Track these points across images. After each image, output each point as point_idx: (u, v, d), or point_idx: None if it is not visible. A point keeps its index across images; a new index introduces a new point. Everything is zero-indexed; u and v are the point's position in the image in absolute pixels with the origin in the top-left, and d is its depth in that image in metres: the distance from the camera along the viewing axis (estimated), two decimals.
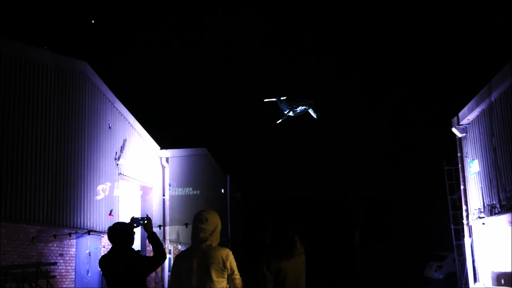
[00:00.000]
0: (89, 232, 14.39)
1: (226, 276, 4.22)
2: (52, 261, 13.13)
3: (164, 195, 20.29)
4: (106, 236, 14.07)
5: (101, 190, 15.66)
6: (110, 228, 5.27)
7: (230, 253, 4.29)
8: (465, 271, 17.69)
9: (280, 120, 12.67)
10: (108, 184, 16.15)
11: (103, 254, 9.31)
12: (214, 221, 4.32)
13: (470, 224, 17.55)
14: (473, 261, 17.21)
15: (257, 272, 4.13)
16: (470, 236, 17.48)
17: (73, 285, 13.87)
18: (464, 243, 17.88)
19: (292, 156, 44.35)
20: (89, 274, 14.56)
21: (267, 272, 4.09)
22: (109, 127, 16.66)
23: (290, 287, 4.14)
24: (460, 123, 17.72)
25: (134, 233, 5.30)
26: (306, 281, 4.30)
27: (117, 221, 13.79)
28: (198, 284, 4.16)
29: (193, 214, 4.47)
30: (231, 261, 4.25)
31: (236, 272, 4.28)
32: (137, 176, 18.56)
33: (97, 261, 12.52)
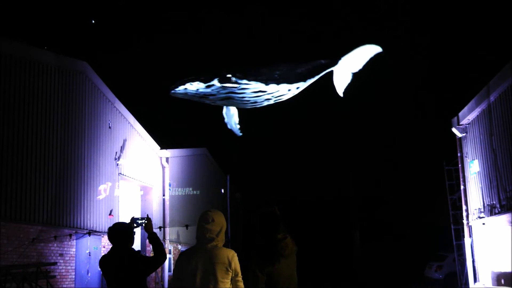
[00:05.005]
0: (89, 233, 14.40)
1: (230, 277, 4.23)
2: (52, 261, 13.13)
3: (164, 195, 20.29)
4: (106, 236, 14.07)
5: (103, 190, 15.68)
6: (110, 228, 5.28)
7: (235, 254, 4.30)
8: (465, 271, 17.70)
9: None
10: (109, 184, 16.15)
11: (103, 254, 9.32)
12: (220, 222, 4.34)
13: (470, 224, 17.56)
14: (473, 261, 17.21)
15: (249, 273, 4.14)
16: (470, 236, 17.49)
17: (73, 285, 13.87)
18: (464, 243, 17.88)
19: (292, 156, 44.36)
20: (89, 274, 14.56)
21: (259, 273, 4.10)
22: (109, 127, 16.66)
23: (283, 286, 4.15)
24: (460, 123, 17.73)
25: (134, 233, 5.30)
26: (306, 282, 4.31)
27: (117, 221, 13.79)
28: (202, 283, 4.17)
29: (193, 214, 4.48)
30: (236, 263, 4.27)
31: (240, 274, 4.29)
32: (137, 176, 18.56)
33: (97, 261, 12.49)
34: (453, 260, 19.72)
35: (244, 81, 7.03)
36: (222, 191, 28.56)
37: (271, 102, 7.75)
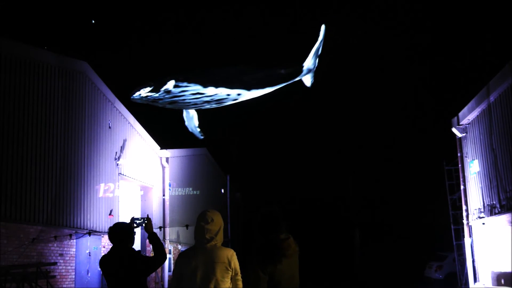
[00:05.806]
0: (89, 233, 14.40)
1: (230, 276, 4.25)
2: (52, 261, 13.13)
3: (164, 195, 20.29)
4: (106, 236, 14.07)
5: (103, 190, 15.67)
6: (110, 228, 5.28)
7: (235, 253, 4.32)
8: (465, 271, 17.70)
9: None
10: (109, 184, 16.15)
11: (103, 254, 9.32)
12: (219, 222, 4.36)
13: (470, 224, 17.56)
14: (473, 261, 17.22)
15: (251, 274, 4.13)
16: (470, 236, 17.49)
17: (73, 285, 13.87)
18: (464, 243, 17.89)
19: (292, 156, 44.36)
20: (89, 274, 14.56)
21: (261, 274, 4.09)
22: (109, 127, 16.66)
23: (285, 287, 4.15)
24: (460, 123, 17.73)
25: (134, 233, 5.31)
26: (306, 282, 4.31)
27: (117, 221, 13.80)
28: (202, 283, 4.17)
29: (193, 214, 4.49)
30: (236, 262, 4.30)
31: (239, 273, 4.31)
32: (137, 176, 18.56)
33: (97, 261, 12.50)
34: (453, 260, 19.73)
35: (185, 84, 6.87)
36: (222, 191, 28.56)
37: (213, 105, 7.45)
